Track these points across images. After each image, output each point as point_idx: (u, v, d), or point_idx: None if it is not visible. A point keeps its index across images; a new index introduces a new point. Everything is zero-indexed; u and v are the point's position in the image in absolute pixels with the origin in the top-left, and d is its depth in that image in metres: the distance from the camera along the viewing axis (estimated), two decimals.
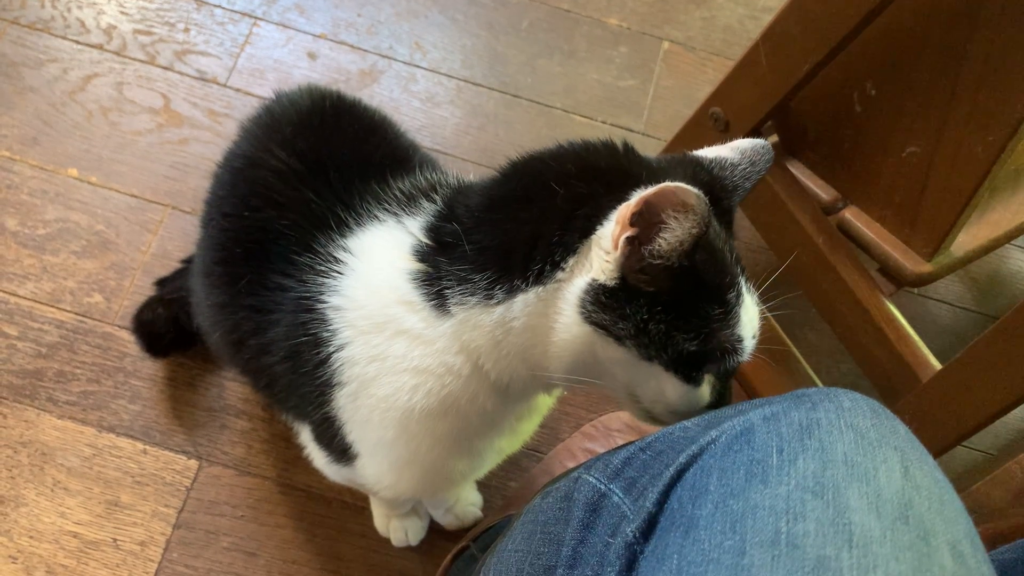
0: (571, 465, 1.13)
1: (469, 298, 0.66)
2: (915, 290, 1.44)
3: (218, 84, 1.42)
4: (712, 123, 1.15)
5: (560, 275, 0.64)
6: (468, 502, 1.15)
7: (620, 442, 1.16)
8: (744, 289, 0.66)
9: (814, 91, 1.05)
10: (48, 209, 1.28)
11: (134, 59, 1.42)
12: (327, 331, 0.72)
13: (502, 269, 0.65)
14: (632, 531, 0.54)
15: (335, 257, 0.74)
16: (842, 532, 0.43)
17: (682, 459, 0.54)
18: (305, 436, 0.89)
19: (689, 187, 0.57)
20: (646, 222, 0.60)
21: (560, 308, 0.64)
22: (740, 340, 0.64)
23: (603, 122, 1.49)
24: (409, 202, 0.76)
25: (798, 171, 1.17)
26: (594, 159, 0.67)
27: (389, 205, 0.76)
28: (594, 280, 0.62)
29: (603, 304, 0.62)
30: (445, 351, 0.69)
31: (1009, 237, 1.10)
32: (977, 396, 0.92)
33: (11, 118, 1.34)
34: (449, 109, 1.47)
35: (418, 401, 0.70)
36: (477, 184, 0.74)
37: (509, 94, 1.50)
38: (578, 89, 1.52)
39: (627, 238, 0.60)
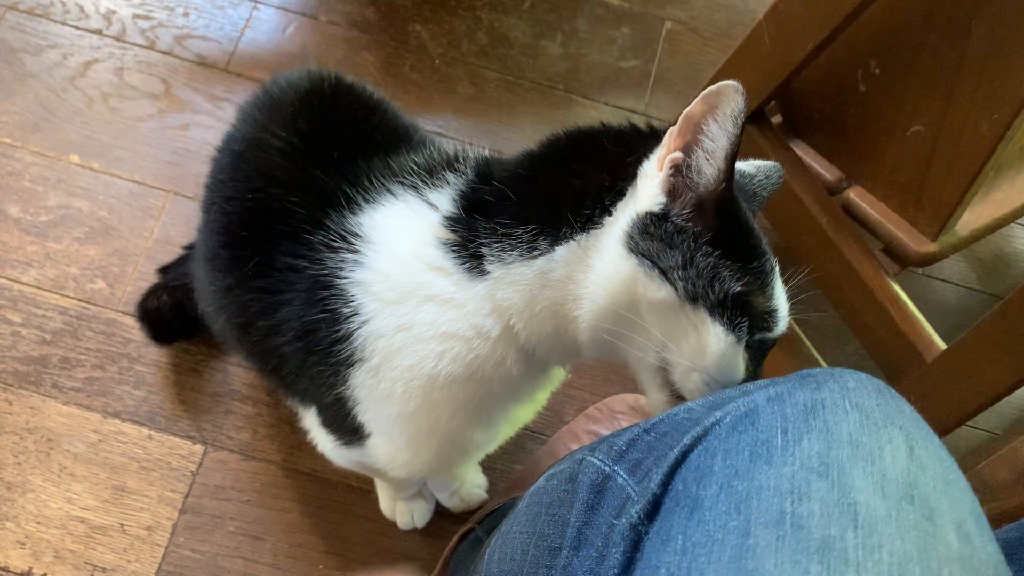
0: (575, 447, 1.13)
1: (509, 253, 0.68)
2: (919, 270, 1.43)
3: (218, 69, 1.42)
4: None
5: (608, 219, 0.66)
6: (473, 484, 1.15)
7: (624, 424, 1.16)
8: (776, 268, 0.68)
9: (818, 70, 1.05)
10: (50, 196, 1.28)
11: (134, 44, 1.42)
12: (348, 307, 0.72)
13: (548, 219, 0.67)
14: (637, 512, 0.54)
15: (352, 232, 0.74)
16: (847, 512, 0.43)
17: (686, 440, 0.53)
18: (310, 420, 0.88)
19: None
20: (687, 146, 0.64)
21: (603, 248, 0.66)
22: (775, 311, 0.66)
23: (605, 103, 1.49)
24: (430, 175, 0.76)
25: (802, 151, 1.16)
26: (640, 126, 0.71)
27: (406, 179, 0.77)
28: (640, 211, 0.65)
29: (650, 234, 0.64)
30: (475, 313, 0.70)
31: (1015, 216, 1.09)
32: (981, 376, 0.92)
33: (11, 104, 1.34)
34: None
35: (443, 368, 0.70)
36: (510, 156, 0.75)
37: (511, 76, 1.49)
38: (580, 70, 1.52)
39: (671, 161, 0.64)
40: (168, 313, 1.14)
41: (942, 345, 1.01)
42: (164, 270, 1.20)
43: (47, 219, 1.27)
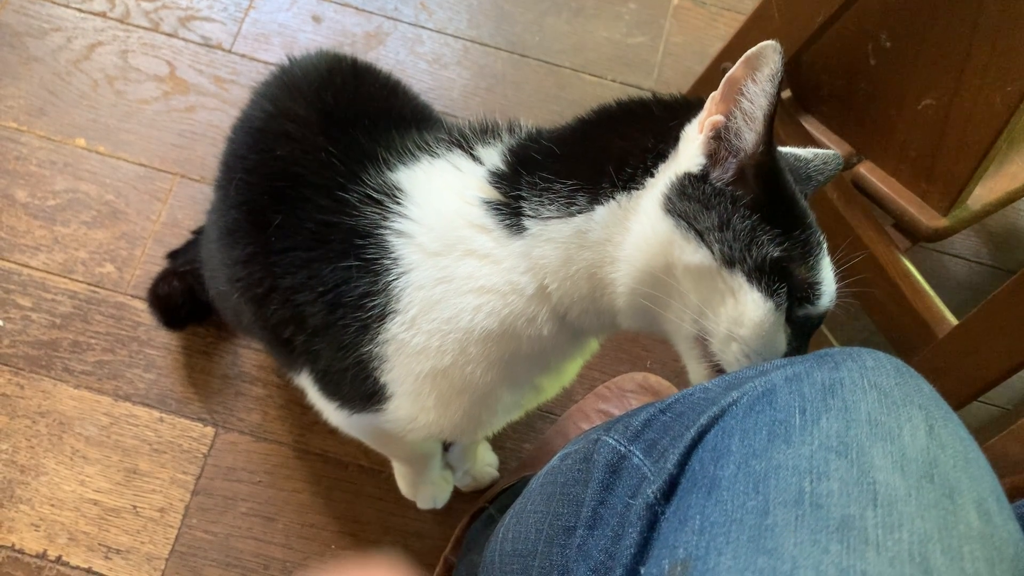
0: (585, 426, 1.13)
1: (548, 207, 0.68)
2: (931, 245, 1.43)
3: (223, 50, 1.41)
4: None
5: (649, 181, 0.67)
6: (485, 463, 1.16)
7: (634, 403, 1.16)
8: (823, 244, 0.67)
9: (827, 44, 1.04)
10: (57, 180, 1.28)
11: (138, 26, 1.41)
12: (388, 258, 0.72)
13: (589, 176, 0.68)
14: (653, 492, 0.53)
15: (394, 186, 0.75)
16: (866, 491, 0.43)
17: (703, 420, 0.53)
18: (313, 393, 0.87)
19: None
20: (728, 110, 0.64)
21: (642, 210, 0.66)
22: (818, 283, 0.65)
23: (613, 80, 1.48)
24: (484, 133, 0.77)
25: (812, 127, 1.15)
26: (688, 97, 0.72)
27: (455, 137, 0.77)
28: (679, 173, 0.65)
29: (687, 195, 0.64)
30: (512, 269, 0.70)
31: None
32: (993, 351, 0.92)
33: (17, 89, 1.34)
34: (456, 70, 1.46)
35: (479, 321, 0.71)
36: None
37: (517, 54, 1.48)
38: (587, 47, 1.50)
39: (711, 124, 0.64)
40: (179, 298, 1.14)
41: (953, 321, 1.01)
42: (173, 255, 1.20)
43: (55, 203, 1.26)
